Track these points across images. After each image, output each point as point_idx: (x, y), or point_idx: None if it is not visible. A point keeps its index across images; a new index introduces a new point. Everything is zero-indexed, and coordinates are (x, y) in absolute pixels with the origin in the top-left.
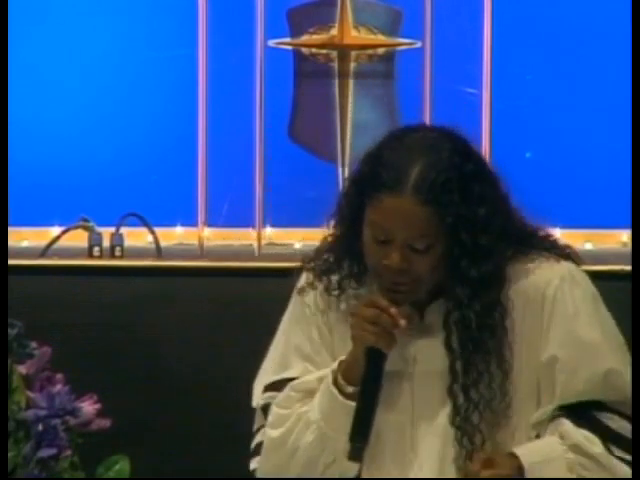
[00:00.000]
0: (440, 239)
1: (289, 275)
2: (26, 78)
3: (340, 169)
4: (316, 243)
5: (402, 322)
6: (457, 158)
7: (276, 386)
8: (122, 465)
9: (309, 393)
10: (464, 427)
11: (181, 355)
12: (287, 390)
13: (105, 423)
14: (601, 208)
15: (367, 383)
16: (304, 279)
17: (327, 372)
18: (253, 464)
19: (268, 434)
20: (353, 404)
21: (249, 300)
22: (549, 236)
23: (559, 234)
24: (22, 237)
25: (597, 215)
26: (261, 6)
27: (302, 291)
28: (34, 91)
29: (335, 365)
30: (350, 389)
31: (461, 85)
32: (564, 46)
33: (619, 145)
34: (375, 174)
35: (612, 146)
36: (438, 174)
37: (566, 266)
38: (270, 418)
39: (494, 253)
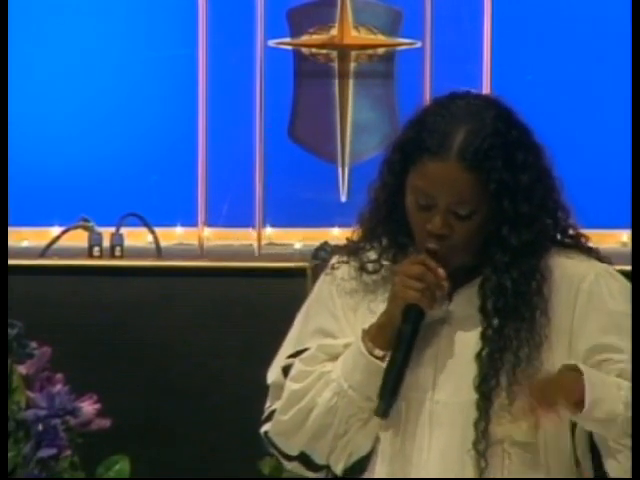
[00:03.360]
0: (482, 206)
1: (289, 275)
2: (26, 78)
3: (340, 169)
4: (316, 243)
5: (445, 283)
6: (501, 125)
7: (298, 354)
8: (122, 465)
9: (334, 357)
10: (483, 391)
11: (181, 354)
12: (314, 350)
13: (105, 423)
14: (601, 208)
15: (403, 341)
16: (335, 259)
17: (354, 340)
18: (264, 428)
19: (288, 386)
20: (378, 363)
21: (249, 300)
22: (581, 235)
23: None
24: (22, 237)
25: (597, 215)
26: (261, 6)
27: (333, 268)
28: (34, 91)
29: (364, 330)
30: (378, 352)
31: (461, 85)
32: (564, 46)
33: (619, 145)
34: (419, 139)
35: (612, 146)
36: (482, 140)
37: (601, 265)
38: (292, 372)
39: (535, 222)
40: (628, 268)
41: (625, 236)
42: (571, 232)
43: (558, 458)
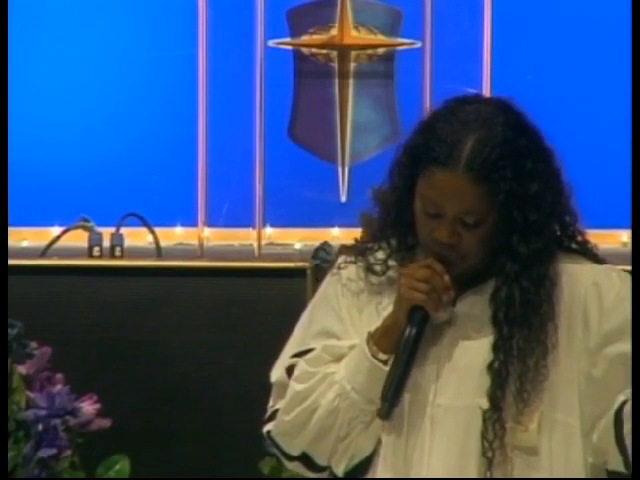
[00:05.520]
0: (490, 214)
1: (289, 275)
2: (26, 78)
3: (340, 169)
4: (316, 243)
5: (451, 292)
6: (510, 132)
7: (302, 354)
8: (122, 465)
9: (339, 358)
10: (495, 401)
11: (181, 355)
12: (319, 350)
13: (105, 423)
14: (601, 208)
15: (407, 343)
16: (342, 259)
17: (359, 342)
18: (267, 427)
19: (292, 387)
20: (382, 366)
21: (249, 300)
22: (588, 242)
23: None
24: (22, 237)
25: (597, 215)
26: (261, 6)
27: (339, 268)
28: (34, 91)
29: (370, 332)
30: (382, 355)
31: (461, 85)
32: (564, 46)
33: (619, 145)
34: (428, 147)
35: (612, 146)
36: (491, 150)
37: (607, 266)
38: (296, 372)
39: (544, 229)
40: (628, 268)
41: (625, 236)
42: (579, 239)
43: (565, 465)
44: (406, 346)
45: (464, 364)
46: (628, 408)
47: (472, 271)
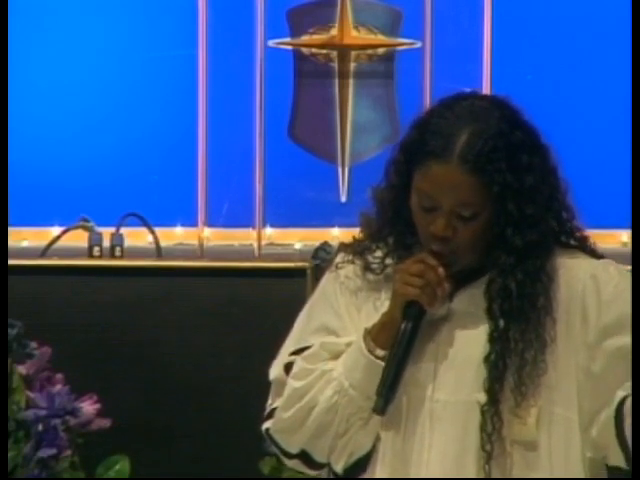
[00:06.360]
0: (486, 207)
1: (289, 275)
2: (26, 78)
3: (340, 169)
4: (316, 243)
5: (446, 285)
6: (505, 126)
7: (300, 352)
8: (122, 465)
9: (337, 355)
10: (492, 394)
11: (181, 355)
12: (317, 347)
13: (105, 423)
14: (601, 208)
15: (402, 337)
16: (340, 257)
17: (356, 338)
18: (265, 425)
19: (290, 384)
20: (379, 362)
21: (249, 300)
22: (586, 237)
23: None
24: (22, 237)
25: (597, 215)
26: (261, 6)
27: (337, 267)
28: (34, 91)
29: (367, 328)
30: (379, 352)
31: (461, 85)
32: (564, 46)
33: (619, 145)
34: (423, 141)
35: (612, 146)
36: (485, 142)
37: (605, 260)
38: (295, 369)
39: (540, 223)
40: (628, 268)
41: (625, 236)
42: (577, 235)
43: (564, 460)
44: (401, 341)
45: (462, 359)
46: (629, 404)
47: (469, 267)
